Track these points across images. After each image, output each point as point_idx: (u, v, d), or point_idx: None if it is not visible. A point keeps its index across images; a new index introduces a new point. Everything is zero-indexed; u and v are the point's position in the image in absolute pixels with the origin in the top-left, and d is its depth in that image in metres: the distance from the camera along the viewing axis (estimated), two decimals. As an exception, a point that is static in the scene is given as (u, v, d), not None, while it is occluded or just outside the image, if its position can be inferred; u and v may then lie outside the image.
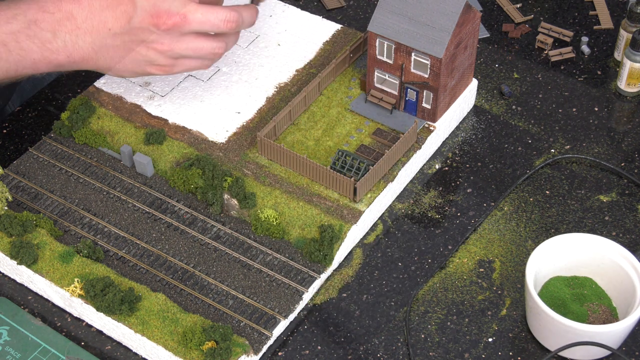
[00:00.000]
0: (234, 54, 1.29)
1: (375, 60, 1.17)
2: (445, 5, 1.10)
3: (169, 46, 1.07)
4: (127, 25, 1.05)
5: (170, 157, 1.16)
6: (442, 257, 1.10)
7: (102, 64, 1.09)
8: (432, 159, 1.21)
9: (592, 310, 1.02)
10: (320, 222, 1.09)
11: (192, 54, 1.09)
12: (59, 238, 1.10)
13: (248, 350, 0.99)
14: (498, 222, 1.13)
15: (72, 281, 1.04)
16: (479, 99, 1.28)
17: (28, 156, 1.19)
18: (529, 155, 1.20)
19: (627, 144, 1.22)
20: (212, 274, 1.07)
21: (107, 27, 1.06)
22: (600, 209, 1.14)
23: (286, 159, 1.14)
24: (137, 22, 1.05)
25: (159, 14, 1.05)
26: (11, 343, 1.02)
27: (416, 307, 1.05)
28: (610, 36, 1.36)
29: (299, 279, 1.06)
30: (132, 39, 1.06)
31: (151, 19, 1.05)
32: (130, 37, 1.06)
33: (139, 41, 1.06)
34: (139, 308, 1.02)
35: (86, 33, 1.06)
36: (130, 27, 1.05)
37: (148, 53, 1.07)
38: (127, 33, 1.06)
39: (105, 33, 1.06)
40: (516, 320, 1.04)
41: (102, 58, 1.08)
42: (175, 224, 1.11)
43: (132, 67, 1.09)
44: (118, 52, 1.07)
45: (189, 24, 1.06)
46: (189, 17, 1.05)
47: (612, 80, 1.30)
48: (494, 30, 1.38)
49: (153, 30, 1.05)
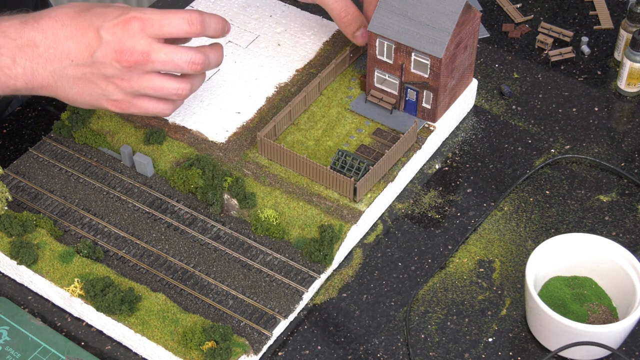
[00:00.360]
0: (234, 54, 1.29)
1: (375, 60, 1.17)
2: (445, 5, 1.10)
3: (129, 83, 1.06)
4: (90, 58, 1.05)
5: (170, 157, 1.16)
6: (442, 257, 1.10)
7: (60, 92, 1.08)
8: (432, 159, 1.21)
9: (592, 310, 1.02)
10: (320, 222, 1.09)
11: (153, 93, 1.07)
12: (59, 238, 1.10)
13: (248, 350, 0.99)
14: (498, 222, 1.13)
15: (72, 281, 1.04)
16: (479, 99, 1.28)
17: (28, 156, 1.19)
18: (529, 155, 1.20)
19: (627, 144, 1.22)
20: (212, 274, 1.07)
21: (70, 58, 1.05)
22: (600, 209, 1.14)
23: (286, 159, 1.14)
24: (100, 56, 1.04)
25: (122, 50, 1.04)
26: (11, 343, 1.02)
27: (416, 307, 1.05)
28: (610, 36, 1.36)
29: (299, 279, 1.06)
30: (93, 72, 1.05)
31: (114, 55, 1.04)
32: (91, 70, 1.05)
33: (100, 75, 1.06)
34: (139, 308, 1.02)
35: (47, 62, 1.05)
36: (93, 60, 1.05)
37: (107, 87, 1.06)
38: (89, 66, 1.05)
39: (67, 63, 1.05)
40: (516, 320, 1.04)
41: (61, 87, 1.07)
42: (175, 224, 1.11)
43: (90, 99, 1.08)
44: (78, 83, 1.07)
45: (151, 62, 1.05)
46: (152, 56, 1.04)
47: (612, 80, 1.30)
48: (494, 30, 1.38)
49: (115, 66, 1.04)
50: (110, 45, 1.04)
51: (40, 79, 1.06)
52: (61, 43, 1.05)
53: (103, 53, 1.04)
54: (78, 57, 1.05)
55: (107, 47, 1.04)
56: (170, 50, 1.05)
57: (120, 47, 1.04)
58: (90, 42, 1.05)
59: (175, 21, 1.05)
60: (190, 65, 1.06)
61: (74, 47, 1.05)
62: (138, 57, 1.04)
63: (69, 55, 1.05)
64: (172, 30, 1.05)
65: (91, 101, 1.08)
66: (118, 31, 1.04)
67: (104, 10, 1.06)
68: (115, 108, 1.08)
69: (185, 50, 1.06)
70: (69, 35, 1.05)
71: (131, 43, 1.04)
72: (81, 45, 1.05)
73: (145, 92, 1.07)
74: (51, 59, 1.05)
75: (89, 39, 1.05)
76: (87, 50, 1.05)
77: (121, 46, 1.04)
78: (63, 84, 1.07)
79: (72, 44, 1.05)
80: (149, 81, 1.06)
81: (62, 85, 1.07)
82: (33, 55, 1.05)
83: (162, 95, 1.08)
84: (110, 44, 1.04)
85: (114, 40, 1.04)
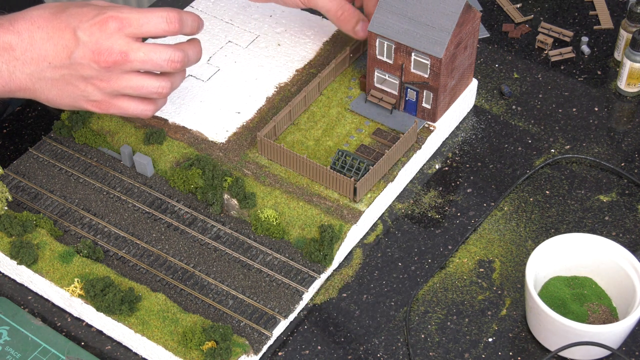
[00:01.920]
0: (234, 54, 1.29)
1: (375, 60, 1.17)
2: (445, 5, 1.10)
3: (108, 83, 1.05)
4: (68, 60, 1.04)
5: (170, 157, 1.16)
6: (442, 257, 1.10)
7: (39, 94, 1.07)
8: (432, 159, 1.21)
9: (592, 310, 1.02)
10: (320, 222, 1.09)
11: (133, 92, 1.07)
12: (59, 238, 1.10)
13: (248, 350, 0.99)
14: (498, 222, 1.13)
15: (72, 281, 1.04)
16: (479, 99, 1.28)
17: (28, 156, 1.19)
18: (529, 155, 1.20)
19: (627, 144, 1.22)
20: (212, 274, 1.07)
21: (47, 60, 1.04)
22: (600, 209, 1.14)
23: (286, 159, 1.14)
24: (78, 57, 1.04)
25: (100, 51, 1.03)
26: (11, 343, 1.02)
27: (416, 307, 1.05)
28: (610, 36, 1.36)
29: (299, 279, 1.06)
30: (71, 73, 1.05)
31: (92, 56, 1.03)
32: (70, 71, 1.05)
33: (79, 76, 1.05)
34: (139, 308, 1.02)
35: (25, 64, 1.05)
36: (71, 62, 1.04)
37: (86, 88, 1.06)
38: (67, 67, 1.05)
39: (44, 65, 1.05)
40: (516, 320, 1.04)
41: (39, 89, 1.06)
42: (175, 224, 1.11)
43: (69, 101, 1.08)
44: (57, 85, 1.06)
45: (130, 62, 1.04)
46: (131, 56, 1.04)
47: (612, 80, 1.30)
48: (494, 30, 1.38)
49: (93, 67, 1.04)
50: (88, 46, 1.03)
51: (18, 82, 1.06)
52: (38, 45, 1.04)
53: (81, 54, 1.03)
54: (55, 59, 1.04)
55: (84, 48, 1.03)
56: (149, 49, 1.04)
57: (97, 48, 1.03)
58: (67, 44, 1.04)
59: (154, 20, 1.04)
60: (169, 64, 1.05)
61: (51, 49, 1.04)
62: (116, 57, 1.03)
63: (46, 57, 1.04)
64: (150, 29, 1.05)
65: (71, 102, 1.08)
66: (95, 31, 1.03)
67: (80, 10, 1.05)
68: (95, 108, 1.08)
69: (164, 48, 1.05)
70: (45, 37, 1.04)
71: (109, 43, 1.03)
72: (58, 47, 1.04)
73: (125, 91, 1.06)
74: (28, 61, 1.04)
75: (65, 41, 1.04)
76: (64, 52, 1.04)
77: (99, 47, 1.03)
78: (41, 86, 1.06)
79: (49, 45, 1.04)
80: (128, 81, 1.05)
81: (40, 87, 1.06)
82: (9, 58, 1.04)
83: (142, 94, 1.07)
84: (88, 45, 1.03)
85: (92, 40, 1.03)
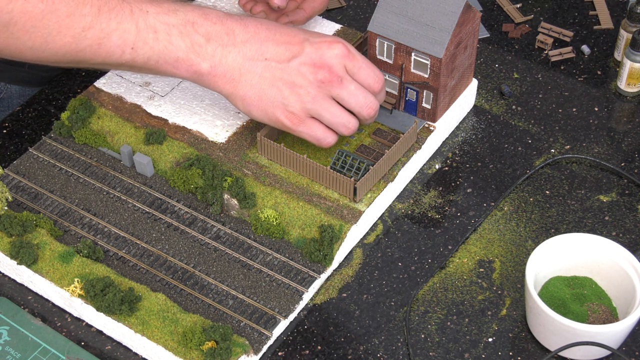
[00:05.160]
0: (234, 54, 1.29)
1: (375, 60, 1.17)
2: (445, 5, 1.10)
3: (313, 98, 1.06)
4: (286, 63, 1.05)
5: (170, 157, 1.16)
6: (442, 257, 1.10)
7: (238, 89, 1.06)
8: (432, 159, 1.21)
9: (592, 310, 1.02)
10: (320, 222, 1.09)
11: (327, 117, 1.08)
12: (59, 238, 1.10)
13: (248, 350, 0.99)
14: (498, 222, 1.13)
15: (72, 281, 1.04)
16: (479, 99, 1.28)
17: (28, 156, 1.19)
18: (529, 155, 1.20)
19: (627, 144, 1.22)
20: (212, 274, 1.07)
21: (265, 56, 1.05)
22: (600, 209, 1.14)
23: (286, 159, 1.14)
24: (297, 63, 1.05)
25: (321, 65, 1.05)
26: (11, 343, 1.02)
27: (416, 307, 1.05)
28: (610, 36, 1.36)
29: (299, 279, 1.06)
30: (283, 76, 1.05)
31: (312, 67, 1.05)
32: (282, 74, 1.05)
33: (289, 81, 1.05)
34: (139, 308, 1.02)
35: (240, 53, 1.05)
36: (289, 65, 1.05)
37: (290, 96, 1.06)
38: (281, 69, 1.05)
39: (260, 60, 1.05)
40: (516, 320, 1.04)
41: (242, 82, 1.06)
42: (175, 224, 1.12)
43: (265, 104, 1.07)
44: (262, 83, 1.06)
45: (341, 88, 1.06)
46: (345, 82, 1.06)
47: (612, 80, 1.30)
48: (494, 30, 1.38)
49: (308, 77, 1.05)
50: (311, 57, 1.05)
51: (225, 68, 1.05)
52: (260, 41, 1.05)
53: (301, 61, 1.05)
54: (274, 58, 1.05)
55: (306, 57, 1.05)
56: (358, 87, 1.08)
57: (320, 62, 1.05)
58: (292, 48, 1.06)
59: (370, 72, 1.09)
60: (367, 109, 1.09)
61: (272, 48, 1.05)
62: (333, 78, 1.06)
63: (265, 53, 1.05)
64: (361, 77, 1.08)
65: (266, 107, 1.07)
66: (323, 48, 1.06)
67: (314, 32, 1.09)
68: (286, 120, 1.07)
69: (368, 93, 1.09)
70: (270, 37, 1.06)
71: (331, 62, 1.06)
72: (281, 48, 1.05)
73: (321, 114, 1.07)
74: (245, 51, 1.05)
75: (291, 45, 1.06)
76: (285, 54, 1.05)
77: (321, 61, 1.05)
78: (247, 79, 1.06)
79: (271, 44, 1.05)
80: (330, 105, 1.07)
81: (245, 80, 1.06)
82: (227, 41, 1.04)
83: (334, 123, 1.08)
84: (311, 56, 1.05)
85: (317, 54, 1.06)
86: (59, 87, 1.32)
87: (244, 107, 1.08)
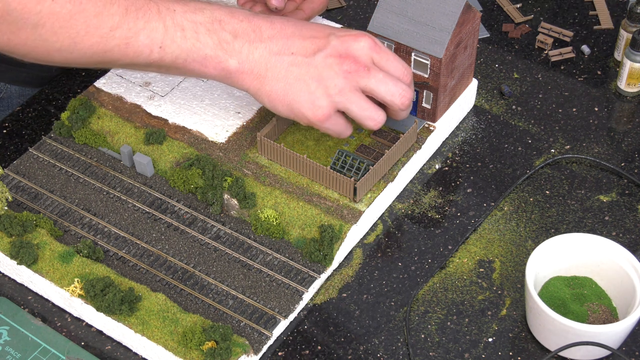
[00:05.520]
0: (234, 54, 1.29)
1: (375, 60, 1.17)
2: (445, 5, 1.10)
3: (340, 91, 1.05)
4: (312, 56, 1.05)
5: (170, 157, 1.16)
6: (442, 257, 1.10)
7: (265, 85, 1.06)
8: (432, 159, 1.21)
9: (592, 310, 1.02)
10: (320, 222, 1.09)
11: (355, 110, 1.06)
12: (59, 238, 1.10)
13: (248, 350, 0.99)
14: (498, 222, 1.13)
15: (72, 281, 1.04)
16: (479, 99, 1.28)
17: (28, 156, 1.19)
18: (529, 155, 1.20)
19: (627, 144, 1.22)
20: (212, 274, 1.07)
21: (291, 51, 1.05)
22: (600, 209, 1.14)
23: (286, 159, 1.14)
24: (323, 56, 1.05)
25: (347, 55, 1.05)
26: (11, 343, 1.02)
27: (416, 307, 1.05)
28: (610, 36, 1.36)
29: (299, 279, 1.06)
30: (309, 70, 1.05)
31: (338, 58, 1.05)
32: (308, 68, 1.05)
33: (315, 75, 1.05)
34: (139, 308, 1.02)
35: (267, 49, 1.05)
36: (315, 59, 1.05)
37: (317, 90, 1.05)
38: (307, 64, 1.05)
39: (286, 55, 1.05)
40: (516, 320, 1.04)
41: (269, 77, 1.05)
42: (175, 224, 1.12)
43: (292, 100, 1.06)
44: (288, 77, 1.05)
45: (369, 77, 1.05)
46: (372, 71, 1.05)
47: (612, 80, 1.30)
48: (494, 30, 1.38)
49: (335, 69, 1.05)
50: (336, 49, 1.05)
51: (252, 63, 1.05)
52: (286, 36, 1.05)
53: (327, 54, 1.05)
54: (300, 52, 1.05)
55: (332, 50, 1.05)
56: (388, 75, 1.06)
57: (346, 53, 1.05)
58: (317, 43, 1.05)
59: (398, 64, 1.07)
60: (399, 97, 1.07)
61: (298, 43, 1.05)
62: (360, 67, 1.05)
63: (291, 48, 1.05)
64: (390, 68, 1.07)
65: (292, 102, 1.06)
66: (348, 41, 1.06)
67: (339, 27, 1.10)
68: (312, 115, 1.06)
69: (399, 81, 1.07)
70: (296, 32, 1.06)
71: (357, 54, 1.05)
72: (307, 42, 1.05)
73: (348, 107, 1.06)
74: (272, 46, 1.05)
75: (316, 39, 1.06)
76: (311, 48, 1.05)
77: (347, 53, 1.05)
78: (273, 74, 1.06)
79: (297, 39, 1.06)
80: (357, 97, 1.06)
81: (271, 75, 1.06)
82: (254, 38, 1.05)
83: (360, 117, 1.07)
84: (337, 48, 1.05)
85: (342, 46, 1.05)
86: (59, 87, 1.32)
87: (270, 103, 1.07)
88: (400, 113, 1.10)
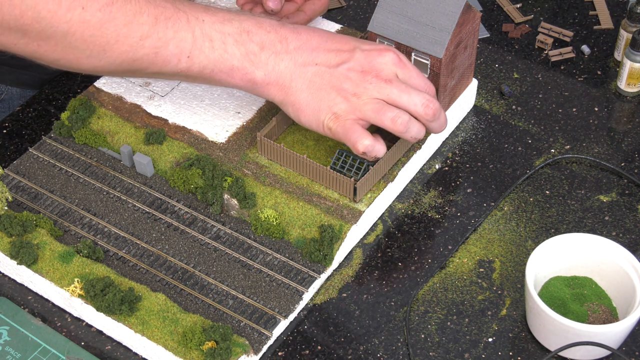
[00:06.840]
0: (234, 54, 1.29)
1: (375, 60, 1.17)
2: (445, 5, 1.10)
3: (359, 97, 1.05)
4: (335, 68, 1.05)
5: (170, 157, 1.16)
6: (442, 257, 1.10)
7: (290, 95, 1.07)
8: (432, 159, 1.21)
9: (592, 310, 1.02)
10: (320, 222, 1.09)
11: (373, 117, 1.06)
12: (59, 238, 1.10)
13: (248, 350, 0.99)
14: (498, 222, 1.13)
15: (72, 281, 1.04)
16: (479, 99, 1.28)
17: (28, 156, 1.19)
18: (529, 155, 1.20)
19: (627, 144, 1.22)
20: (212, 274, 1.07)
21: (316, 62, 1.06)
22: (600, 209, 1.14)
23: (286, 159, 1.14)
24: (345, 68, 1.05)
25: (370, 70, 1.05)
26: (11, 343, 1.02)
27: (416, 307, 1.05)
28: (610, 36, 1.36)
29: (299, 279, 1.06)
30: (331, 81, 1.05)
31: (360, 72, 1.05)
32: (330, 78, 1.05)
33: (336, 86, 1.05)
34: (139, 308, 1.02)
35: (293, 60, 1.05)
36: (337, 70, 1.06)
37: (336, 98, 1.05)
38: (330, 74, 1.05)
39: (310, 66, 1.06)
40: (516, 320, 1.04)
41: (294, 87, 1.06)
42: (175, 224, 1.12)
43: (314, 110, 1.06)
44: (311, 87, 1.06)
45: (390, 87, 1.05)
46: (394, 83, 1.05)
47: (612, 80, 1.30)
48: (494, 30, 1.38)
49: (355, 79, 1.05)
50: (360, 62, 1.06)
51: (278, 75, 1.06)
52: (311, 48, 1.06)
53: (350, 67, 1.05)
54: (324, 63, 1.06)
55: (355, 63, 1.05)
56: (410, 87, 1.06)
57: (369, 67, 1.05)
58: (342, 55, 1.06)
59: (422, 82, 1.08)
60: (423, 107, 1.06)
61: (322, 55, 1.06)
62: (381, 80, 1.05)
63: (316, 59, 1.06)
64: (414, 82, 1.07)
65: (314, 112, 1.07)
66: (373, 55, 1.06)
67: (366, 40, 1.09)
68: (332, 123, 1.06)
69: (421, 92, 1.07)
70: (321, 45, 1.06)
71: (380, 67, 1.06)
72: (331, 54, 1.06)
73: (367, 114, 1.05)
74: (297, 58, 1.06)
75: (341, 52, 1.06)
76: (335, 60, 1.06)
77: (370, 67, 1.05)
78: (298, 85, 1.06)
79: (322, 51, 1.06)
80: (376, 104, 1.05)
81: (296, 86, 1.06)
82: (281, 49, 1.05)
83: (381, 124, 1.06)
84: (360, 61, 1.06)
85: (366, 61, 1.06)
86: (59, 87, 1.32)
87: (294, 113, 1.08)
88: (431, 125, 1.09)
